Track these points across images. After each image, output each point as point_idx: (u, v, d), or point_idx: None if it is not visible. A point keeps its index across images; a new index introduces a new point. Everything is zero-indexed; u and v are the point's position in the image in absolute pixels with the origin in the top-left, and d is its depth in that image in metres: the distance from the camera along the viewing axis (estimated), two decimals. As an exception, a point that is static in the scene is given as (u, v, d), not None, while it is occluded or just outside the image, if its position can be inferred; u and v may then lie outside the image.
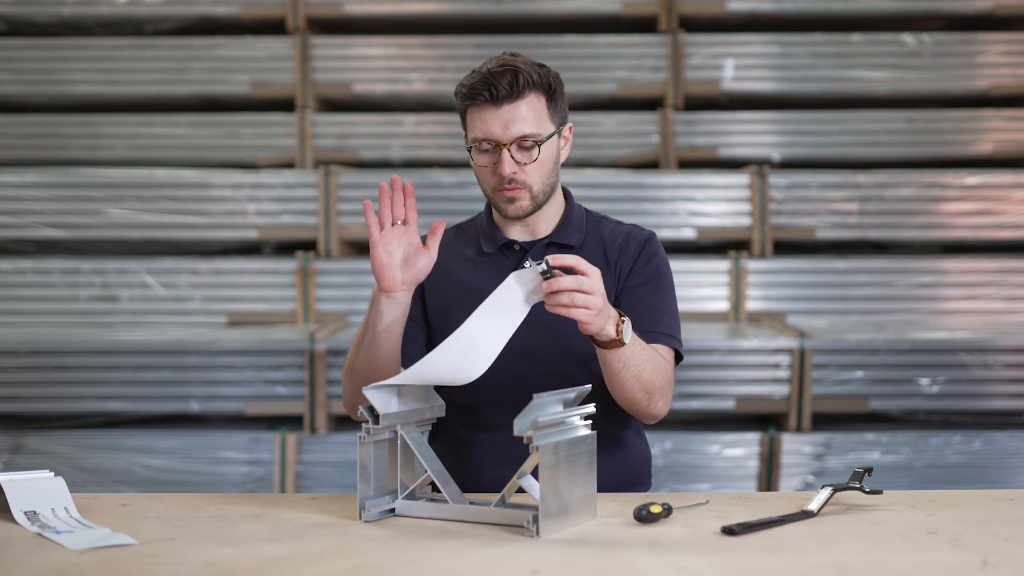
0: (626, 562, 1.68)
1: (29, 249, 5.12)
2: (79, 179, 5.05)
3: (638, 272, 2.31)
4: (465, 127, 2.29)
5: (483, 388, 2.20)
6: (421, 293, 2.36)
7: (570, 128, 2.32)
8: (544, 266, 1.93)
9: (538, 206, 2.27)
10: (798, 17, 5.40)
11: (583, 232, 2.35)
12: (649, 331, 2.25)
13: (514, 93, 2.19)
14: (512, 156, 2.21)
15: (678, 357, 2.31)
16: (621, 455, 2.34)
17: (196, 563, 1.68)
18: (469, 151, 2.26)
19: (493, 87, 2.19)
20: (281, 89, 5.33)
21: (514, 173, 2.21)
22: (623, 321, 2.03)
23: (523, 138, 2.21)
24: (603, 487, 2.07)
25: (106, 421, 4.56)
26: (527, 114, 2.21)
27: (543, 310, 2.23)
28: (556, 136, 2.26)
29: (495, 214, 2.36)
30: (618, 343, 2.04)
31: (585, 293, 1.94)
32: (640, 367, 2.12)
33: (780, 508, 1.97)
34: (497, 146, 2.21)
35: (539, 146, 2.22)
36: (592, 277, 1.95)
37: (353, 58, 5.36)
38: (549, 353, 2.25)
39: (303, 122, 5.24)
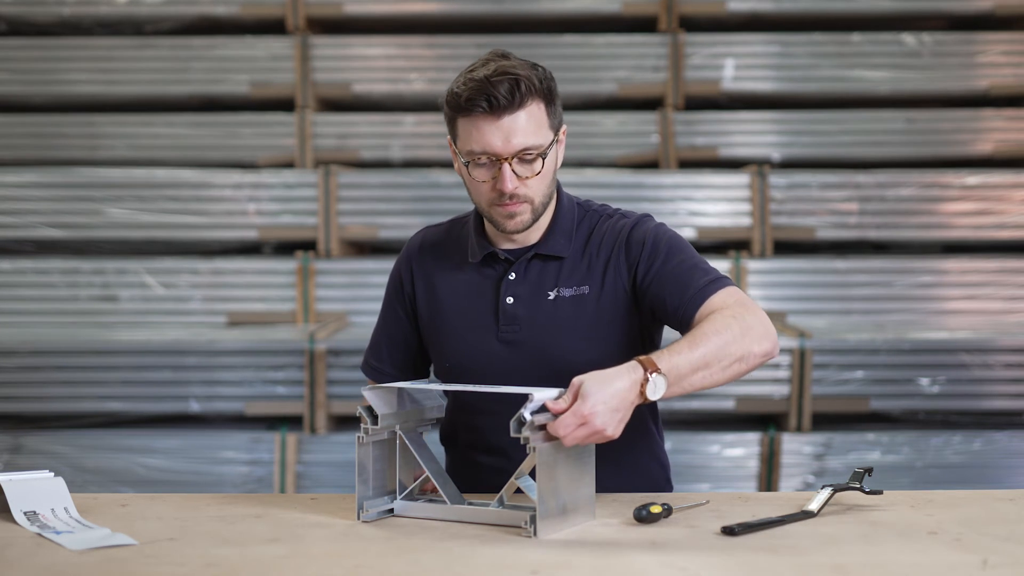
0: (626, 562, 1.68)
1: (29, 249, 5.12)
2: (79, 179, 5.05)
3: (642, 259, 2.13)
4: (455, 136, 2.10)
5: (482, 411, 2.18)
6: (411, 297, 2.29)
7: (564, 131, 2.14)
8: (528, 415, 1.81)
9: (537, 218, 2.13)
10: (798, 17, 5.40)
11: (572, 238, 2.18)
12: (696, 292, 2.05)
13: (515, 102, 2.01)
14: (513, 170, 2.05)
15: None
16: (637, 470, 2.25)
17: (196, 563, 1.68)
18: (466, 165, 2.08)
19: (492, 96, 2.00)
20: (281, 89, 5.33)
21: (515, 188, 2.05)
22: (647, 380, 1.85)
23: (525, 151, 2.04)
24: None
25: (106, 421, 4.56)
26: (527, 125, 2.03)
27: (533, 330, 2.19)
28: (555, 143, 2.10)
29: (486, 223, 2.21)
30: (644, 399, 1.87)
31: (581, 427, 1.80)
32: (708, 372, 1.93)
33: (780, 508, 1.97)
34: (496, 160, 2.05)
35: (542, 159, 2.06)
36: (578, 410, 1.79)
37: (353, 58, 5.36)
38: (539, 375, 2.10)
39: (303, 122, 5.24)
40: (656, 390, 1.86)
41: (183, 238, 5.05)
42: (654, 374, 1.86)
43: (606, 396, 1.82)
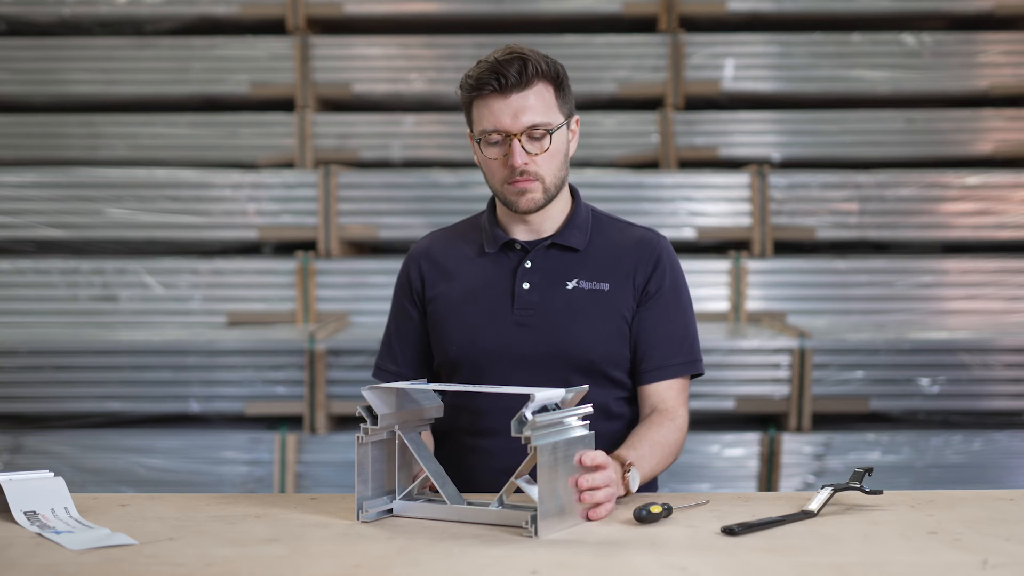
0: (626, 562, 1.68)
1: (29, 249, 5.12)
2: (79, 179, 5.05)
3: (654, 288, 2.27)
4: (470, 121, 2.23)
5: (487, 393, 2.19)
6: (420, 294, 2.33)
7: (577, 121, 2.26)
8: (529, 415, 1.83)
9: (549, 199, 2.21)
10: (798, 17, 5.40)
11: (588, 234, 2.28)
12: (665, 368, 2.25)
13: (523, 81, 2.14)
14: (523, 147, 2.15)
15: (696, 373, 2.32)
16: None
17: (196, 563, 1.68)
18: (478, 143, 2.20)
19: (501, 75, 2.13)
20: (281, 89, 5.33)
21: (525, 164, 2.15)
22: (628, 471, 2.01)
23: (533, 127, 2.15)
24: None
25: (106, 421, 4.56)
26: (536, 103, 2.15)
27: (548, 316, 2.22)
28: (565, 127, 2.21)
29: (500, 212, 2.30)
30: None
31: (608, 487, 1.92)
32: (654, 470, 2.16)
33: (780, 508, 1.97)
34: (507, 137, 2.16)
35: (550, 135, 2.17)
36: (607, 470, 1.92)
37: (353, 58, 5.36)
38: (550, 361, 2.21)
39: (303, 122, 5.24)
40: (634, 482, 2.02)
41: (183, 238, 5.05)
42: (633, 468, 2.02)
43: (613, 475, 1.95)
